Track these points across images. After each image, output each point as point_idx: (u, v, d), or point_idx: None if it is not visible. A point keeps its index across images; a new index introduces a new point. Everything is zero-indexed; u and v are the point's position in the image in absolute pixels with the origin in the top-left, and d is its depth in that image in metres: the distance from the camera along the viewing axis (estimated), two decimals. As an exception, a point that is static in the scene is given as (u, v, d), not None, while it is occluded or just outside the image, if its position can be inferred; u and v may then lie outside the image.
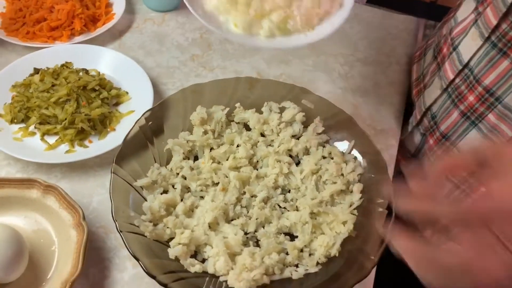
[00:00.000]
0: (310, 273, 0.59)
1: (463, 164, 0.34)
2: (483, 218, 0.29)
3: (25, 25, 0.89)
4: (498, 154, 0.33)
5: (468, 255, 0.30)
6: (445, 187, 0.32)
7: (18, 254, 0.56)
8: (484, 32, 0.61)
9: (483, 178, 0.31)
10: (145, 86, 0.79)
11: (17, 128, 0.74)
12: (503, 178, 0.30)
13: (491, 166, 0.32)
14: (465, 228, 0.30)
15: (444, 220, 0.30)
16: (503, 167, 0.31)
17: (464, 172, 0.34)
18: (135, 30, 0.94)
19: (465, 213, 0.30)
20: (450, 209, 0.30)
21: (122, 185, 0.62)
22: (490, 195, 0.29)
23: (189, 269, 0.57)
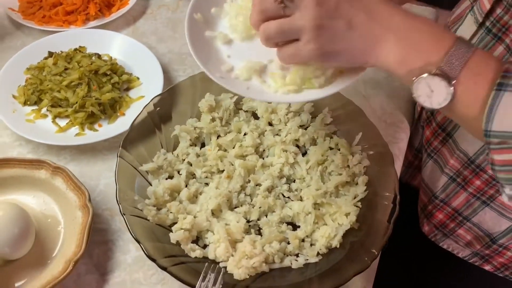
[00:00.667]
0: (310, 263, 0.59)
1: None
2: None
3: (42, 9, 0.90)
4: None
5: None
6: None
7: (25, 232, 0.58)
8: (479, 17, 0.60)
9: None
10: (156, 72, 0.79)
11: (29, 110, 0.75)
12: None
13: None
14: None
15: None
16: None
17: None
18: (149, 16, 0.94)
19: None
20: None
21: (128, 169, 0.63)
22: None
23: (189, 254, 0.58)
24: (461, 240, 0.70)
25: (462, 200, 0.67)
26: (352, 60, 0.48)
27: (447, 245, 0.73)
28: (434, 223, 0.73)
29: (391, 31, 0.45)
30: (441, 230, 0.72)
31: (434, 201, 0.71)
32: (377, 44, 0.45)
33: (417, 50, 0.44)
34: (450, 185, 0.68)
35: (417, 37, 0.45)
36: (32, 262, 0.58)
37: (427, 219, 0.74)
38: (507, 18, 0.57)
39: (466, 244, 0.70)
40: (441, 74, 0.43)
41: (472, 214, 0.66)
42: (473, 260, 0.71)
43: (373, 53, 0.46)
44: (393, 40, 0.45)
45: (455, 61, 0.43)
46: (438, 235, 0.73)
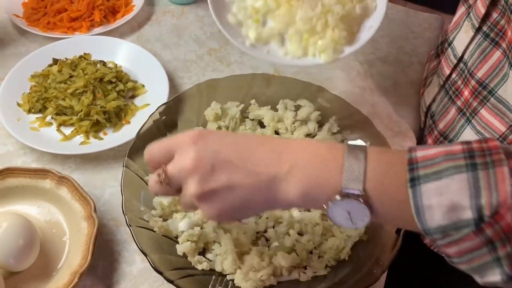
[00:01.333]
0: (318, 276, 0.58)
1: (157, 159, 0.46)
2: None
3: (46, 15, 0.89)
4: (176, 144, 0.45)
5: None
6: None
7: (30, 243, 0.57)
8: (475, 22, 0.60)
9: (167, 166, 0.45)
10: (161, 79, 0.79)
11: (34, 118, 0.75)
12: (173, 159, 0.44)
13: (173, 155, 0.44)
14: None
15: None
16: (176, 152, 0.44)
17: (160, 164, 0.45)
18: (153, 23, 0.94)
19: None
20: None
21: (134, 179, 0.62)
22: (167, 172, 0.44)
23: (196, 266, 0.57)
24: None
25: None
26: (257, 212, 0.48)
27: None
28: None
29: (277, 173, 0.42)
30: None
31: None
32: (270, 191, 0.43)
33: (312, 181, 0.42)
34: None
35: (307, 168, 0.42)
36: (37, 274, 0.58)
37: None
38: (503, 23, 0.56)
39: None
40: (346, 195, 0.40)
41: None
42: None
43: (271, 201, 0.43)
44: (284, 181, 0.42)
45: (353, 176, 0.40)
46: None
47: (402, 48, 0.92)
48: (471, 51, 0.61)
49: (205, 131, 0.45)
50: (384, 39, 0.93)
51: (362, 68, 0.88)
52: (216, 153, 0.43)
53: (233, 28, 0.60)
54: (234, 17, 0.61)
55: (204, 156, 0.43)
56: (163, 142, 0.47)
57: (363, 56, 0.90)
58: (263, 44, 0.60)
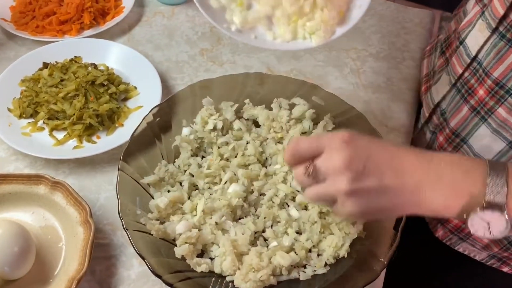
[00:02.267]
0: (318, 274, 0.58)
1: (303, 153, 0.49)
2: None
3: (35, 18, 0.88)
4: (327, 142, 0.48)
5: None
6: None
7: (25, 250, 0.56)
8: (492, 23, 0.59)
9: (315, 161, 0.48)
10: (153, 81, 0.78)
11: (25, 123, 0.74)
12: (321, 156, 0.47)
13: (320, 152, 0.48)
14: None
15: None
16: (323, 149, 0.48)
17: (304, 159, 0.48)
18: (144, 24, 0.93)
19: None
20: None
21: (129, 183, 0.62)
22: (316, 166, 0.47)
23: (195, 268, 0.57)
24: (478, 244, 0.70)
25: None
26: (394, 215, 0.51)
27: (463, 249, 0.72)
28: (449, 227, 0.72)
29: (423, 181, 0.46)
30: (457, 234, 0.71)
31: None
32: (414, 197, 0.46)
33: (455, 191, 0.45)
34: None
35: (450, 178, 0.46)
36: (33, 282, 0.57)
37: (441, 224, 0.73)
38: None
39: (483, 247, 0.69)
40: (489, 206, 0.44)
41: None
42: (491, 262, 0.71)
43: (413, 207, 0.47)
44: (429, 190, 0.46)
45: (496, 188, 0.44)
46: (453, 239, 0.72)
47: (394, 44, 0.92)
48: (486, 51, 0.61)
49: (355, 135, 0.48)
50: (376, 35, 0.93)
51: (354, 64, 0.88)
52: (367, 155, 0.46)
53: (217, 13, 0.57)
54: (216, 1, 0.57)
55: (356, 156, 0.46)
56: (313, 138, 0.50)
57: (355, 52, 0.90)
58: (250, 29, 0.57)
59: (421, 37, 0.94)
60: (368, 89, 0.84)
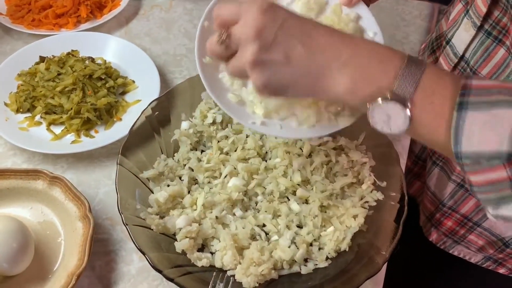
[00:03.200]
0: (319, 268, 0.58)
1: (224, 17, 0.45)
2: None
3: (31, 12, 0.87)
4: (245, 9, 0.44)
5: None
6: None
7: (24, 246, 0.56)
8: (476, 21, 0.59)
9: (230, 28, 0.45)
10: (152, 74, 0.77)
11: (22, 118, 0.73)
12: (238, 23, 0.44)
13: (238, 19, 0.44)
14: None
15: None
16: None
17: (225, 25, 0.45)
18: (141, 17, 0.92)
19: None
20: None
21: (128, 177, 0.61)
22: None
23: (196, 263, 0.56)
24: (473, 246, 0.69)
25: (471, 206, 0.66)
26: (300, 94, 0.47)
27: (458, 252, 0.71)
28: (442, 230, 0.71)
29: (333, 60, 0.43)
30: (451, 237, 0.71)
31: (441, 209, 0.70)
32: (321, 76, 0.43)
33: (365, 76, 0.43)
34: (458, 191, 0.67)
35: (363, 62, 0.43)
36: (32, 278, 0.56)
37: (434, 228, 0.72)
38: (506, 20, 0.55)
39: (478, 249, 0.69)
40: (394, 98, 0.41)
41: (483, 219, 0.65)
42: (486, 264, 0.70)
43: (319, 87, 0.44)
44: (337, 70, 0.43)
45: (407, 82, 0.41)
46: (447, 242, 0.72)
47: (393, 36, 0.91)
48: (473, 50, 0.60)
49: (276, 5, 0.45)
50: (375, 28, 0.92)
51: (354, 57, 0.87)
52: (281, 27, 0.43)
53: (237, 108, 0.54)
54: (235, 96, 0.54)
55: (269, 26, 0.43)
56: (233, 4, 0.46)
57: (355, 45, 0.89)
58: (273, 118, 0.54)
59: (421, 29, 0.93)
60: (368, 82, 0.83)
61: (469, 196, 0.66)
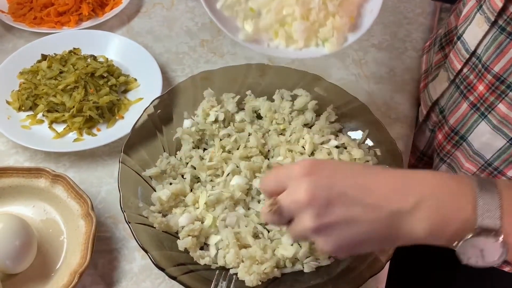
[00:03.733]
0: (322, 266, 0.57)
1: (270, 190, 0.45)
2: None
3: (32, 10, 0.87)
4: (290, 174, 0.43)
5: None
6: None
7: (27, 244, 0.56)
8: (490, 16, 0.58)
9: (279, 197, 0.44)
10: (154, 72, 0.77)
11: (25, 116, 0.73)
12: (284, 192, 0.43)
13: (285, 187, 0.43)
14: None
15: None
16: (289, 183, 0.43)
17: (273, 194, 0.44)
18: (143, 15, 0.92)
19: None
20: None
21: (131, 175, 0.61)
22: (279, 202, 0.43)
23: (198, 261, 0.56)
24: None
25: None
26: (377, 248, 0.47)
27: None
28: None
29: (402, 207, 0.40)
30: None
31: None
32: (395, 227, 0.41)
33: (442, 216, 0.40)
34: None
35: (434, 202, 0.40)
36: (35, 276, 0.56)
37: None
38: None
39: None
40: (482, 232, 0.39)
41: None
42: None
43: (395, 236, 0.42)
44: (411, 217, 0.40)
45: (489, 211, 0.39)
46: None
47: (396, 34, 0.91)
48: (485, 45, 0.59)
49: (317, 162, 0.44)
50: (378, 26, 0.92)
51: (356, 55, 0.87)
52: (331, 186, 0.41)
53: (227, 20, 0.56)
54: (228, 9, 0.56)
55: (318, 189, 0.41)
56: (275, 174, 0.46)
57: (357, 43, 0.88)
58: (261, 37, 0.56)
59: (423, 27, 0.93)
60: (371, 80, 0.83)
61: None
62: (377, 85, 0.82)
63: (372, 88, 0.82)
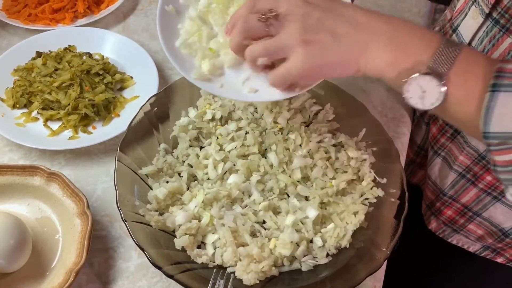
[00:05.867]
0: (320, 265, 0.57)
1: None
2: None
3: (27, 7, 0.86)
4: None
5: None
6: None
7: (21, 243, 0.55)
8: (485, 8, 0.59)
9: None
10: (150, 70, 0.77)
11: (19, 114, 0.72)
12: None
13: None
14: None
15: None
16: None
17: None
18: (139, 13, 0.91)
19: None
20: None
21: (127, 173, 0.60)
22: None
23: (196, 260, 0.56)
24: (471, 235, 0.70)
25: (472, 196, 0.66)
26: (344, 71, 0.48)
27: (457, 240, 0.72)
28: (442, 219, 0.71)
29: (376, 35, 0.46)
30: (450, 226, 0.71)
31: (442, 198, 0.70)
32: (365, 50, 0.46)
33: (405, 51, 0.45)
34: (460, 181, 0.67)
35: (403, 39, 0.46)
36: (30, 274, 0.56)
37: (434, 216, 0.73)
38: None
39: (477, 238, 0.69)
40: (431, 72, 0.43)
41: (483, 209, 0.66)
42: (485, 253, 0.71)
43: (362, 60, 0.46)
44: (380, 44, 0.46)
45: (444, 59, 0.43)
46: (446, 231, 0.72)
47: (392, 33, 0.91)
48: (479, 38, 0.60)
49: None
50: (374, 25, 0.92)
51: (353, 54, 0.87)
52: (325, 8, 0.47)
53: (183, 58, 0.56)
54: (185, 46, 0.56)
55: (313, 7, 0.46)
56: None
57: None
58: (217, 76, 0.56)
59: (420, 26, 0.93)
60: (367, 79, 0.83)
61: (470, 186, 0.66)
62: (374, 84, 0.82)
63: (369, 86, 0.82)
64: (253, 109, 0.70)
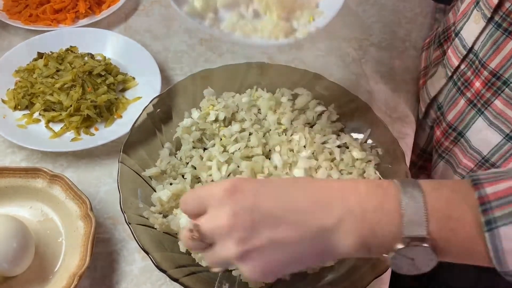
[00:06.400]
0: (326, 267, 0.57)
1: (192, 212, 0.42)
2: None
3: (28, 7, 0.86)
4: (210, 195, 0.41)
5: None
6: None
7: (24, 246, 0.54)
8: (487, 12, 0.58)
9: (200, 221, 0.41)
10: (152, 71, 0.76)
11: (21, 115, 0.72)
12: (205, 215, 0.41)
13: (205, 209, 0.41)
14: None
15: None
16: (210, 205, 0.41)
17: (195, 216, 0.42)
18: (141, 13, 0.91)
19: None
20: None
21: (130, 175, 0.60)
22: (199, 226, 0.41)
23: (200, 262, 0.55)
24: None
25: None
26: (305, 266, 0.44)
27: None
28: None
29: (326, 219, 0.39)
30: None
31: None
32: (323, 241, 0.39)
33: (367, 228, 0.38)
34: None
35: (359, 215, 0.38)
36: (33, 278, 0.55)
37: None
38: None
39: None
40: (409, 240, 0.37)
41: None
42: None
43: (326, 252, 0.40)
44: (336, 229, 0.38)
45: (414, 216, 0.37)
46: None
47: (395, 33, 0.91)
48: (482, 42, 0.59)
49: (239, 182, 0.41)
50: (377, 25, 0.92)
51: (356, 54, 0.86)
52: (254, 207, 0.39)
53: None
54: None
55: (241, 211, 0.39)
56: (195, 192, 0.43)
57: (357, 42, 0.88)
58: (210, 14, 0.55)
59: (423, 26, 0.93)
60: (371, 79, 0.83)
61: None
62: (378, 85, 0.82)
63: (373, 87, 0.81)
64: (257, 110, 0.70)
